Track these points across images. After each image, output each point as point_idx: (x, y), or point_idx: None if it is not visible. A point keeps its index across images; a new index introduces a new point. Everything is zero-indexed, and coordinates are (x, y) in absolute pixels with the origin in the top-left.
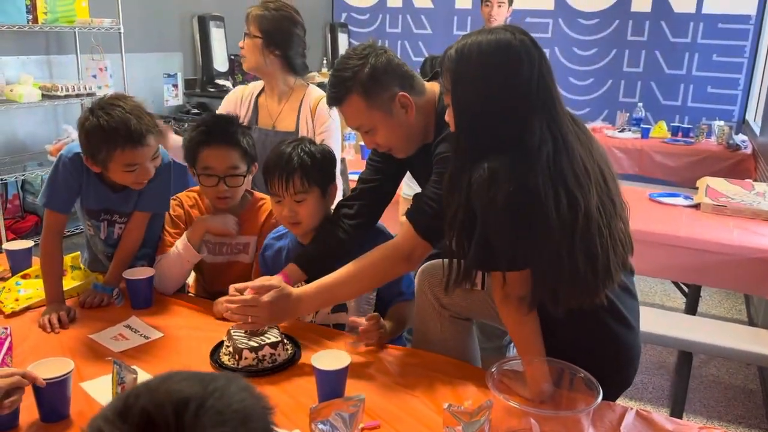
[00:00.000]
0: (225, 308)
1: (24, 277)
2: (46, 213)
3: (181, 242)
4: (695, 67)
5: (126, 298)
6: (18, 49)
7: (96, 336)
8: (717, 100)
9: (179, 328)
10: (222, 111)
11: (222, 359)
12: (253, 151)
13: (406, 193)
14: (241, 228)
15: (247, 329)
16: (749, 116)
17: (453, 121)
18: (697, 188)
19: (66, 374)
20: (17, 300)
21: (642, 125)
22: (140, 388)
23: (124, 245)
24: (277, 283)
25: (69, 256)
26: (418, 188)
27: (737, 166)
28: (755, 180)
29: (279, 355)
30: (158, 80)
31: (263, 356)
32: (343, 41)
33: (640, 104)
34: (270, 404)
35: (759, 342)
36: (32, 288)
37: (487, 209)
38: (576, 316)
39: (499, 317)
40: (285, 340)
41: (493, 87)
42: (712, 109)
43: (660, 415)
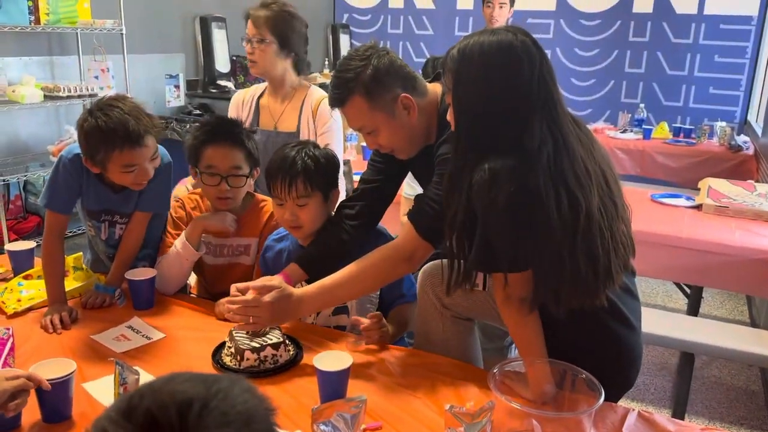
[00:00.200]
0: (226, 309)
1: (26, 278)
2: (47, 214)
3: (180, 241)
4: (697, 68)
5: (128, 299)
6: (20, 50)
7: (98, 336)
8: (719, 101)
9: (181, 329)
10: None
11: (224, 360)
12: (257, 155)
13: (408, 193)
14: (243, 229)
15: (249, 330)
16: (751, 117)
17: (454, 121)
18: (699, 189)
19: (68, 375)
20: (19, 300)
21: (644, 126)
22: (144, 389)
23: (125, 246)
24: (278, 284)
25: (71, 257)
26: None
27: (739, 167)
28: (757, 181)
29: (281, 356)
30: (160, 81)
31: (265, 357)
32: (345, 42)
33: (642, 105)
34: (273, 406)
35: (761, 343)
36: (34, 288)
37: (488, 210)
38: (578, 317)
39: (501, 318)
40: (287, 341)
41: (494, 87)
42: (714, 110)
43: (662, 417)
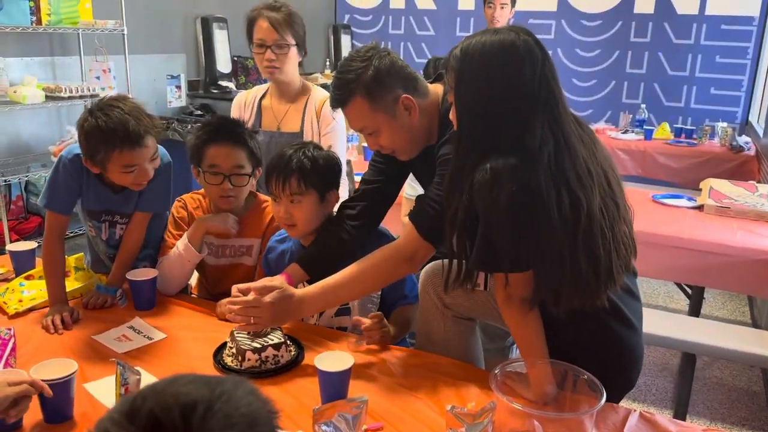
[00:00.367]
0: (228, 309)
1: (27, 278)
2: (48, 214)
3: (182, 242)
4: (698, 69)
5: (129, 299)
6: (22, 51)
7: (99, 337)
8: (720, 102)
9: (182, 329)
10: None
11: (225, 360)
12: (259, 154)
13: (409, 194)
14: (245, 230)
15: (250, 330)
16: (752, 118)
17: (456, 120)
18: (701, 190)
19: (69, 375)
20: (21, 301)
21: (645, 127)
22: (147, 391)
23: (126, 246)
24: (280, 284)
25: (72, 257)
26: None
27: (740, 168)
28: (759, 181)
29: (282, 357)
30: (161, 81)
31: (266, 357)
32: (346, 43)
33: (643, 106)
34: (276, 408)
35: (762, 344)
36: (36, 289)
37: (490, 210)
38: (579, 318)
39: (502, 318)
40: (288, 342)
41: (496, 87)
42: (715, 111)
43: (663, 417)
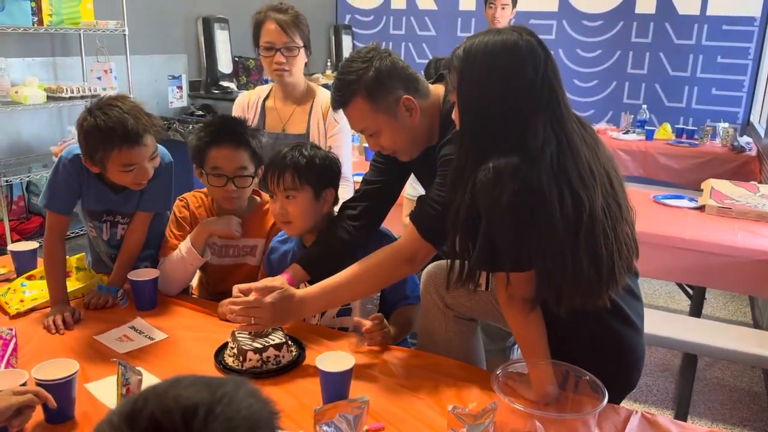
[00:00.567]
0: (229, 310)
1: (29, 278)
2: (48, 214)
3: (185, 245)
4: (699, 69)
5: (130, 300)
6: (23, 51)
7: (101, 337)
8: (721, 102)
9: (184, 330)
10: None
11: (226, 361)
12: (261, 153)
13: (410, 194)
14: (249, 230)
15: (251, 330)
16: (754, 118)
17: (458, 119)
18: (702, 190)
19: (71, 375)
20: (22, 301)
21: (646, 127)
22: (147, 393)
23: (127, 246)
24: (281, 285)
25: (74, 258)
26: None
27: (742, 168)
28: (760, 182)
29: (283, 357)
30: (163, 82)
31: (267, 358)
32: (347, 43)
33: (645, 106)
34: (277, 408)
35: (764, 344)
36: (37, 289)
37: (492, 209)
38: (581, 318)
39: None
40: (289, 342)
41: (498, 87)
42: (717, 111)
43: (665, 418)
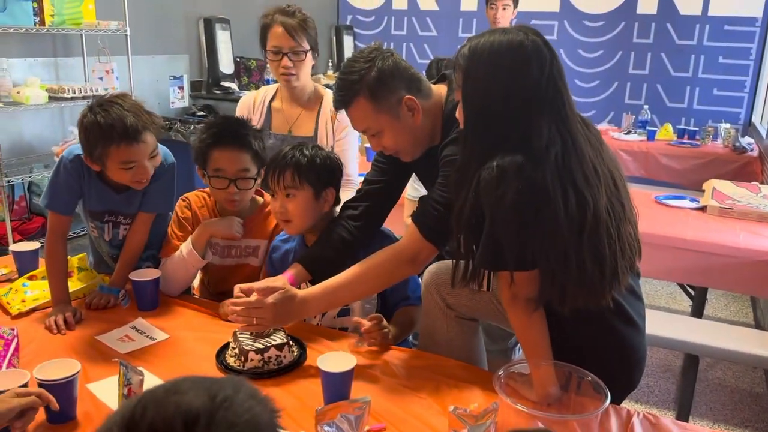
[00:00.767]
0: (230, 310)
1: (31, 279)
2: (49, 215)
3: (186, 247)
4: (701, 70)
5: (132, 300)
6: (25, 52)
7: (102, 337)
8: (723, 103)
9: (185, 330)
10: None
11: (228, 361)
12: (264, 154)
13: (411, 195)
14: (251, 231)
15: (252, 331)
16: (755, 119)
17: (462, 117)
18: (704, 191)
19: (72, 376)
20: (24, 301)
21: (648, 127)
22: (147, 399)
23: (129, 246)
24: (282, 285)
25: (76, 258)
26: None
27: (743, 169)
28: (762, 183)
29: (285, 357)
30: (164, 82)
31: (269, 358)
32: (349, 43)
33: (646, 106)
34: (277, 407)
35: (765, 345)
36: (39, 289)
37: (496, 207)
38: (583, 317)
39: (505, 318)
40: (291, 342)
41: (503, 86)
42: (718, 112)
43: (666, 419)
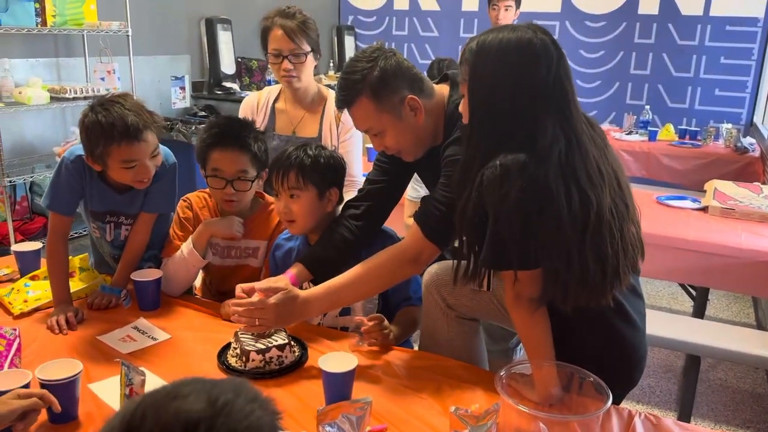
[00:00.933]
0: (232, 311)
1: (33, 279)
2: (51, 215)
3: (186, 247)
4: (703, 70)
5: (134, 300)
6: (27, 52)
7: (104, 337)
8: (725, 103)
9: (186, 330)
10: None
11: (229, 361)
12: (264, 157)
13: (411, 196)
14: (251, 232)
15: (255, 332)
16: (757, 119)
17: (466, 113)
18: (705, 191)
19: (74, 376)
20: (26, 301)
21: (649, 128)
22: (145, 405)
23: (131, 247)
24: (284, 285)
25: (77, 258)
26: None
27: (745, 169)
28: (763, 183)
29: (286, 357)
30: (166, 82)
31: (270, 358)
32: (350, 44)
33: (648, 107)
34: (278, 409)
35: (767, 346)
36: (41, 289)
37: (500, 206)
38: (583, 316)
39: (505, 318)
40: (292, 342)
41: (510, 84)
42: (720, 112)
43: (668, 420)
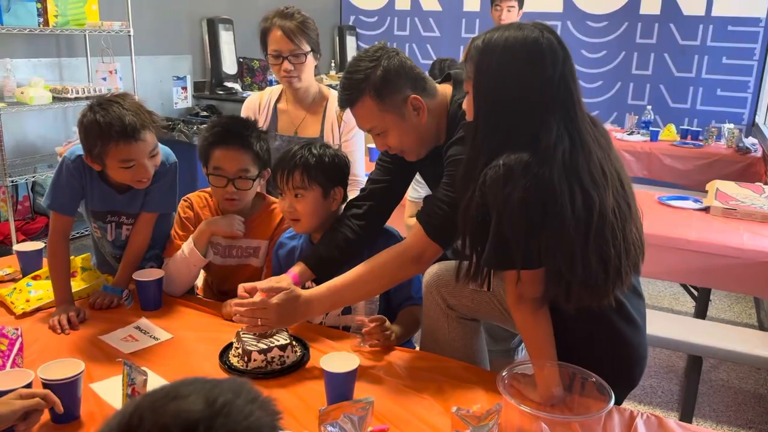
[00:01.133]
0: (234, 311)
1: (35, 278)
2: (52, 215)
3: (187, 246)
4: (704, 70)
5: (135, 300)
6: (29, 52)
7: (106, 337)
8: (726, 103)
9: (188, 330)
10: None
11: (231, 361)
12: (266, 156)
13: (412, 196)
14: (252, 231)
15: (257, 332)
16: (759, 119)
17: (470, 110)
18: (707, 191)
19: (76, 375)
20: (28, 301)
21: (651, 128)
22: (143, 407)
23: (132, 246)
24: (287, 285)
25: (79, 258)
26: (424, 191)
27: (747, 170)
28: (765, 183)
29: (288, 357)
30: (168, 83)
31: (272, 358)
32: (351, 44)
33: (649, 107)
34: (277, 409)
35: None
36: (43, 289)
37: (503, 206)
38: (584, 315)
39: (505, 318)
40: (294, 342)
41: (516, 82)
42: (722, 112)
43: (670, 420)
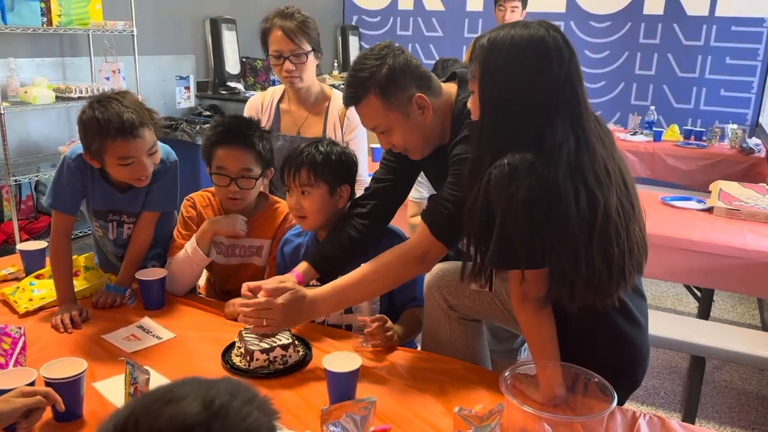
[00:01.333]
0: (239, 311)
1: (38, 278)
2: (54, 214)
3: (190, 245)
4: (708, 70)
5: (138, 299)
6: (32, 52)
7: (108, 336)
8: (730, 104)
9: (191, 329)
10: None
11: (233, 360)
12: (269, 156)
13: (414, 197)
14: (255, 231)
15: (261, 332)
16: (763, 120)
17: (476, 109)
18: (710, 192)
19: (79, 374)
20: (31, 300)
21: (654, 128)
22: (139, 412)
23: (134, 245)
24: (291, 285)
25: (82, 257)
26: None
27: (751, 170)
28: None
29: (290, 357)
30: (171, 82)
31: (274, 358)
32: (354, 44)
33: (653, 107)
34: (275, 409)
35: None
36: (46, 288)
37: (508, 206)
38: (588, 316)
39: (507, 319)
40: (296, 342)
41: (521, 81)
42: (725, 113)
43: (673, 421)
